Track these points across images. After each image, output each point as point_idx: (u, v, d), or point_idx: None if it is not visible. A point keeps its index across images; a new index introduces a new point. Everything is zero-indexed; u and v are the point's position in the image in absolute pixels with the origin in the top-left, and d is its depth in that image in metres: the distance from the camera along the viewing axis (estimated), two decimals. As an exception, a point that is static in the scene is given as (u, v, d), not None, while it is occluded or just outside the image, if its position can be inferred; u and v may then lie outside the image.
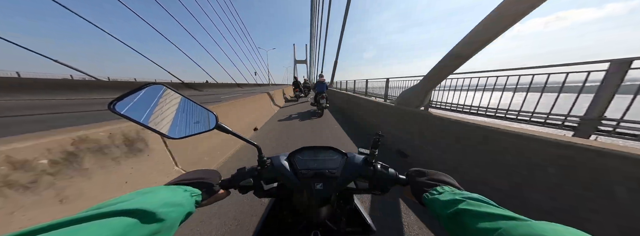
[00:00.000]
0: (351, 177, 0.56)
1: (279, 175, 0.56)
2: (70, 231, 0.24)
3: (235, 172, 0.57)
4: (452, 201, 0.38)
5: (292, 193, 0.65)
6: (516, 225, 0.28)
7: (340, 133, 4.46)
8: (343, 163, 0.58)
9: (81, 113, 6.87)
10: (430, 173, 0.51)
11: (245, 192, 0.57)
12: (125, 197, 0.34)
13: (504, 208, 0.34)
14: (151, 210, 0.32)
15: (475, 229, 0.31)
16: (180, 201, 0.38)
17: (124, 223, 0.28)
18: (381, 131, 0.59)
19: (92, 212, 0.28)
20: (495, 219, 0.31)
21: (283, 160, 0.59)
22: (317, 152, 0.63)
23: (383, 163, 0.58)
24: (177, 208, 0.37)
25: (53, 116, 6.20)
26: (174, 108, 0.51)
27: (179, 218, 0.37)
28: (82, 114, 6.59)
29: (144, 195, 0.36)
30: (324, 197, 0.53)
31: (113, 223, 0.27)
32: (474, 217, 0.33)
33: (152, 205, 0.33)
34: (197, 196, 0.44)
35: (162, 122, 0.48)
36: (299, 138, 4.15)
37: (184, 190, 0.43)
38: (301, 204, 0.63)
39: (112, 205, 0.31)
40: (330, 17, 13.75)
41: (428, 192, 0.44)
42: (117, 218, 0.28)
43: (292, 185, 0.55)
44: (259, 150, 0.59)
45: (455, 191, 0.42)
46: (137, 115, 0.43)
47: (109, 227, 0.27)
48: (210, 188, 0.49)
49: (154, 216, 0.32)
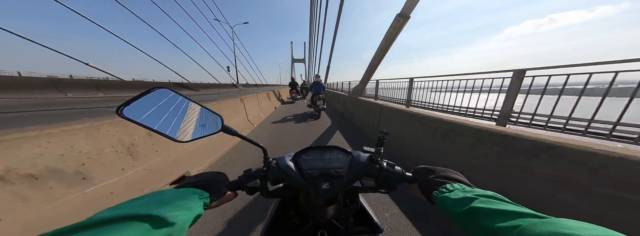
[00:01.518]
0: (357, 176, 0.57)
1: (285, 176, 0.57)
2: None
3: (242, 174, 0.58)
4: (465, 199, 0.38)
5: (298, 193, 0.65)
6: (538, 222, 0.28)
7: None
8: (348, 162, 0.59)
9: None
10: (438, 170, 0.50)
11: (252, 193, 0.58)
12: (136, 201, 0.35)
13: (520, 205, 0.34)
14: (162, 215, 0.32)
15: (493, 227, 0.31)
16: (189, 204, 0.39)
17: (140, 228, 0.29)
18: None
19: (106, 215, 0.29)
20: (513, 217, 0.31)
21: (288, 161, 0.60)
22: (322, 151, 0.64)
23: (389, 161, 0.58)
24: (186, 211, 0.37)
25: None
26: (180, 112, 0.52)
27: (188, 221, 0.37)
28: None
29: (154, 199, 0.36)
30: (331, 197, 0.53)
31: (127, 229, 0.28)
32: (489, 215, 0.33)
33: (162, 209, 0.33)
34: (206, 198, 0.44)
35: (169, 126, 0.48)
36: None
37: (193, 192, 0.43)
38: (307, 204, 0.62)
39: (124, 209, 0.31)
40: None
41: (437, 190, 0.44)
42: (130, 223, 0.29)
43: (298, 185, 0.56)
44: (265, 151, 0.60)
45: (466, 189, 0.41)
46: (145, 120, 0.44)
47: (125, 234, 0.27)
48: (218, 190, 0.49)
49: (165, 221, 0.32)
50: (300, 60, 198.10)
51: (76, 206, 1.44)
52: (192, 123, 0.54)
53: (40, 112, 5.33)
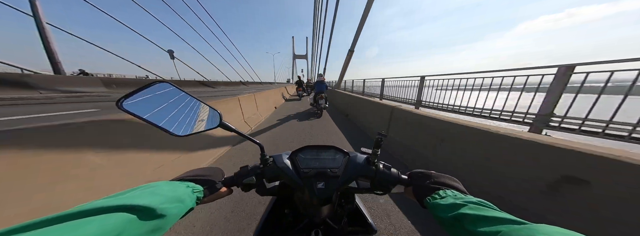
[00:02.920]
0: (353, 177, 0.56)
1: (281, 174, 0.57)
2: (67, 227, 0.24)
3: (238, 170, 0.58)
4: (454, 205, 0.38)
5: (293, 192, 0.64)
6: (516, 228, 0.29)
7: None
8: (345, 162, 0.59)
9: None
10: (434, 175, 0.50)
11: (247, 190, 0.57)
12: (127, 192, 0.34)
13: (504, 212, 0.34)
14: (152, 206, 0.32)
15: (476, 232, 0.32)
16: (181, 197, 0.39)
17: (123, 219, 0.28)
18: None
19: (90, 206, 0.28)
20: (495, 222, 0.32)
21: (285, 159, 0.60)
22: (319, 150, 0.64)
23: (385, 163, 0.58)
24: (178, 204, 0.37)
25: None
26: (179, 106, 0.52)
27: (179, 215, 0.37)
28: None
29: (146, 191, 0.36)
30: (325, 196, 0.54)
31: (112, 219, 0.27)
32: (474, 221, 0.33)
33: (153, 201, 0.33)
34: (199, 192, 0.44)
35: (167, 120, 0.48)
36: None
37: (186, 186, 0.43)
38: (302, 203, 0.62)
39: (112, 200, 0.30)
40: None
41: (430, 196, 0.44)
42: (116, 214, 0.28)
43: (293, 183, 0.56)
44: (262, 148, 0.60)
45: (456, 195, 0.42)
46: (144, 113, 0.44)
47: (107, 223, 0.26)
48: (212, 185, 0.49)
49: (154, 213, 0.32)
50: (302, 56, 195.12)
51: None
52: (190, 118, 0.54)
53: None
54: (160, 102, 0.48)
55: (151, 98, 0.46)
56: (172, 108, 0.50)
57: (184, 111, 0.53)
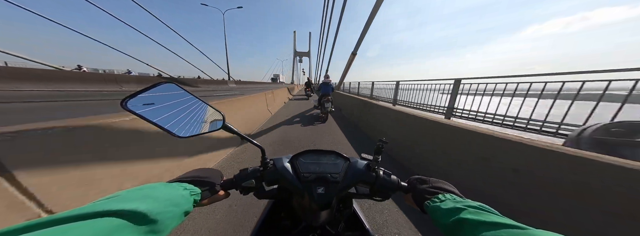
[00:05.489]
0: (353, 182, 0.56)
1: (281, 178, 0.57)
2: (49, 233, 0.23)
3: (238, 172, 0.58)
4: (454, 209, 0.38)
5: (291, 196, 0.65)
6: (518, 233, 0.29)
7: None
8: (345, 168, 0.58)
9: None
10: (432, 181, 0.51)
11: (246, 193, 0.58)
12: (118, 195, 0.33)
13: (505, 217, 0.34)
14: (142, 211, 0.30)
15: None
16: (177, 200, 0.38)
17: (112, 224, 0.27)
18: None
19: (77, 211, 0.26)
20: (496, 227, 0.31)
21: (285, 163, 0.59)
22: (319, 155, 0.64)
23: (385, 169, 0.58)
24: (173, 208, 0.36)
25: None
26: (183, 107, 0.52)
27: (175, 218, 0.36)
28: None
29: (139, 193, 0.34)
30: (325, 201, 0.53)
31: (98, 225, 0.26)
32: (474, 226, 0.33)
33: (144, 205, 0.31)
34: (197, 195, 0.43)
35: (171, 121, 0.48)
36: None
37: (184, 188, 0.42)
38: (301, 207, 0.61)
39: (101, 204, 0.29)
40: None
41: (430, 200, 0.44)
42: (105, 219, 0.27)
43: (293, 188, 0.56)
44: (263, 151, 0.60)
45: (456, 200, 0.42)
46: (147, 113, 0.44)
47: (94, 228, 0.25)
48: (211, 187, 0.48)
49: (145, 217, 0.30)
50: (304, 53, 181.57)
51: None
52: (193, 119, 0.54)
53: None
54: (165, 102, 0.48)
55: (155, 98, 0.46)
56: (175, 109, 0.50)
57: (188, 112, 0.53)
